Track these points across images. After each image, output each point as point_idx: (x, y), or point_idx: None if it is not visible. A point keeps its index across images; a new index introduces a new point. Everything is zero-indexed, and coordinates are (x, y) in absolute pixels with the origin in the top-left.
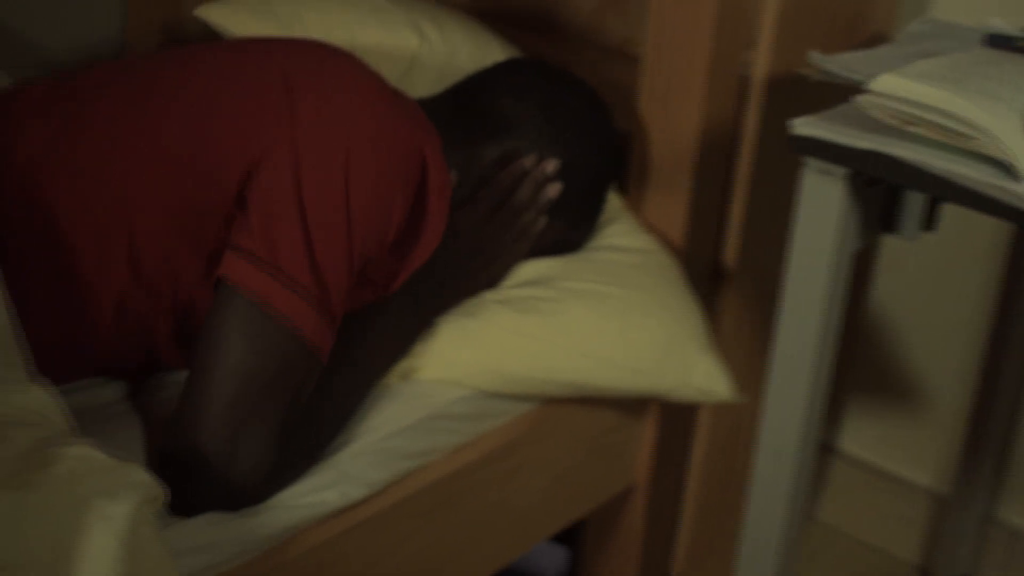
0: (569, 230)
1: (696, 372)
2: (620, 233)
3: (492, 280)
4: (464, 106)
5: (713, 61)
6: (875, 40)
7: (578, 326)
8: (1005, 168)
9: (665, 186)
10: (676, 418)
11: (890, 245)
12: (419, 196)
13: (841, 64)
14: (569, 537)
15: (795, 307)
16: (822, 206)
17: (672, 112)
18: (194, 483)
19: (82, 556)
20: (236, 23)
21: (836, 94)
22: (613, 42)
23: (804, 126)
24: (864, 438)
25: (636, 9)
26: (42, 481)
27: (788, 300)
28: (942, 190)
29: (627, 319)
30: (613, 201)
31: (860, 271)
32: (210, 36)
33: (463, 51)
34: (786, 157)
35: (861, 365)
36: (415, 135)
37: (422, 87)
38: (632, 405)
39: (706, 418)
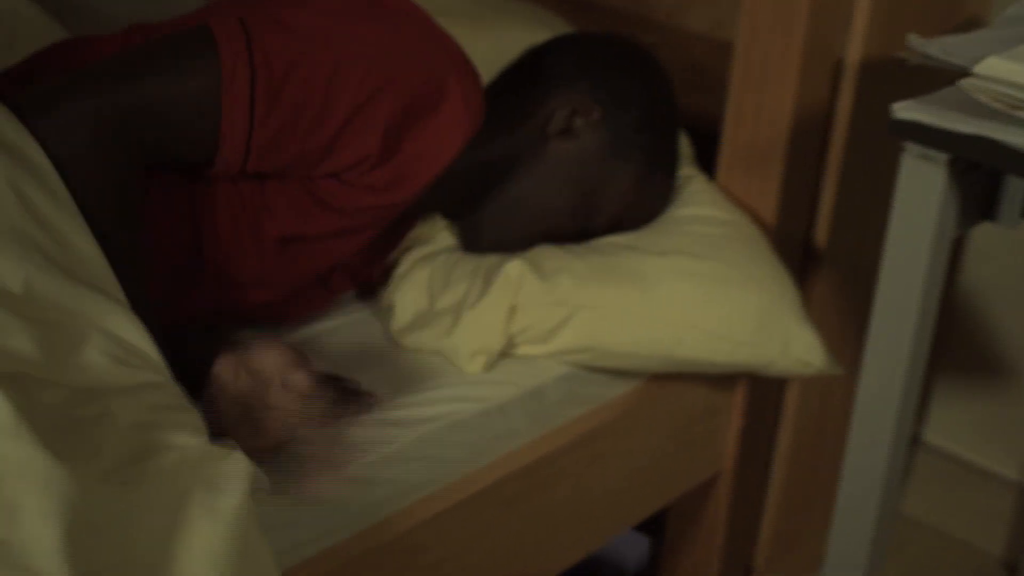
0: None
1: (795, 343)
2: (705, 203)
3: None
4: (514, 76)
5: (808, 44)
6: (971, 24)
7: (678, 299)
8: None
9: (757, 170)
10: (762, 406)
11: (981, 230)
12: (427, 120)
13: (941, 47)
14: (651, 526)
15: (891, 294)
16: (922, 192)
17: (766, 96)
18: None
19: (188, 554)
20: None
21: (930, 78)
22: (701, 27)
23: (905, 110)
24: (951, 429)
25: None
26: (144, 475)
27: (884, 287)
28: None
29: (726, 291)
30: (693, 172)
31: (950, 257)
32: None
33: None
34: (880, 141)
35: (948, 354)
36: (436, 59)
37: None
38: (719, 392)
39: (793, 406)
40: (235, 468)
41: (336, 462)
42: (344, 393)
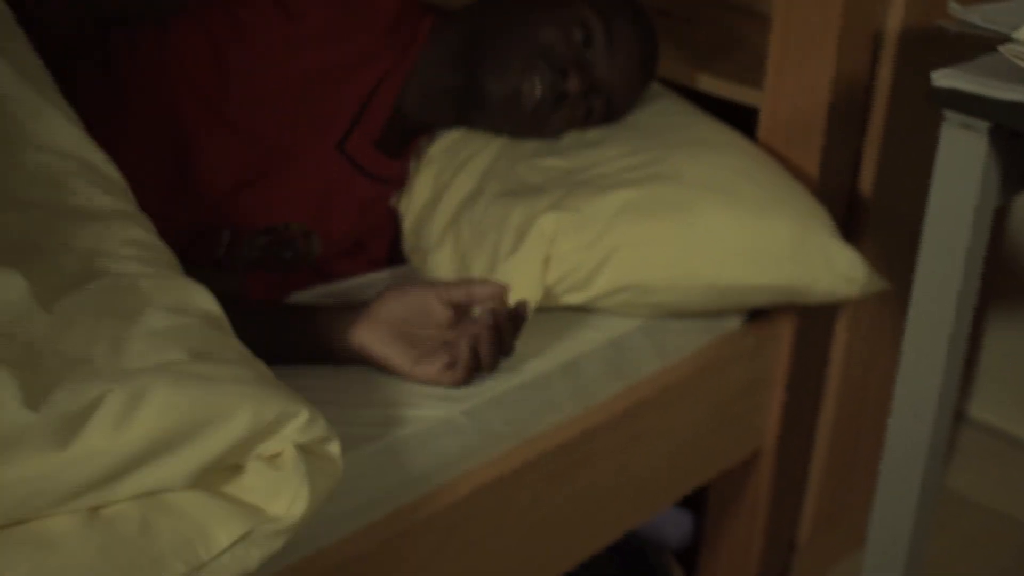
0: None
1: (837, 258)
2: (703, 126)
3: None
4: None
5: (847, 14)
6: None
7: (714, 225)
8: None
9: (797, 143)
10: (804, 380)
11: None
12: None
13: (982, 15)
14: (693, 502)
15: (933, 266)
16: (963, 161)
17: (805, 67)
18: None
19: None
20: None
21: (969, 46)
22: None
23: (946, 78)
24: (996, 404)
25: None
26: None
27: (925, 258)
28: None
29: (760, 213)
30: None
31: (993, 227)
32: None
33: None
34: (921, 111)
35: (993, 327)
36: None
37: None
38: (760, 367)
39: (835, 379)
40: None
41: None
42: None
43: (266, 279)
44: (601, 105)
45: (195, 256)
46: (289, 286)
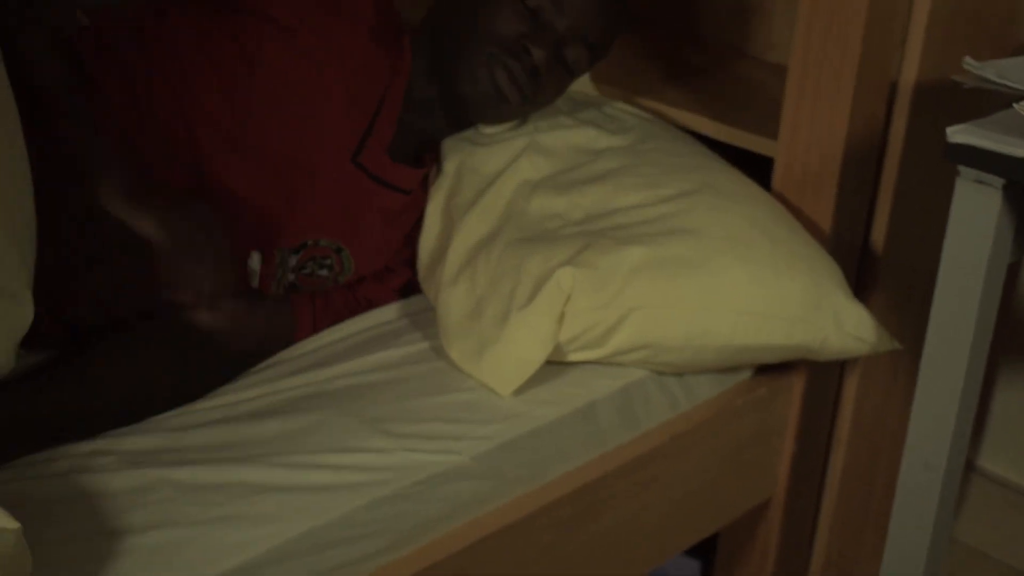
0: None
1: (847, 318)
2: (724, 172)
3: None
4: None
5: (862, 66)
6: None
7: (729, 285)
8: None
9: (811, 193)
10: (815, 429)
11: None
12: None
13: (997, 71)
14: (701, 549)
15: (946, 320)
16: (977, 217)
17: (820, 116)
18: None
19: None
20: None
21: (984, 101)
22: (754, 47)
23: (961, 134)
24: (1006, 455)
25: (778, 13)
26: None
27: (938, 312)
28: None
29: (774, 271)
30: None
31: (1007, 281)
32: None
33: None
34: (934, 162)
35: (1004, 379)
36: None
37: None
38: (771, 416)
39: (845, 429)
40: None
41: None
42: None
43: (310, 308)
44: (581, 50)
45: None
46: (331, 314)
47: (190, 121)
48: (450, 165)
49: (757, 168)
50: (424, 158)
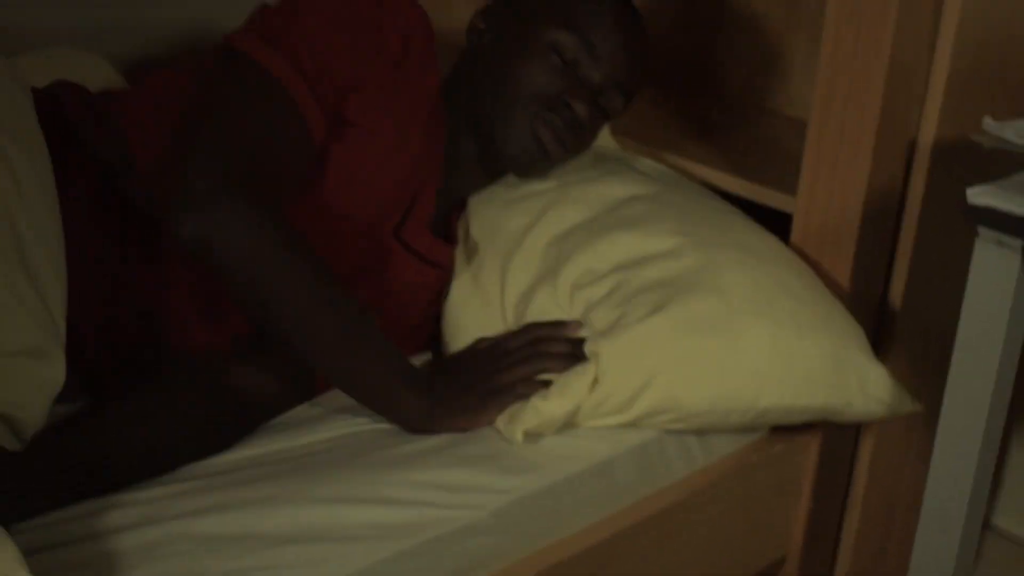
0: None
1: (871, 381)
2: (747, 227)
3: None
4: None
5: (882, 123)
6: None
7: (754, 348)
8: None
9: (830, 249)
10: (831, 487)
11: None
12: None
13: (1016, 131)
14: None
15: (965, 381)
16: (996, 278)
17: (839, 173)
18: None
19: None
20: None
21: (1004, 160)
22: (773, 103)
23: (981, 195)
24: (1021, 514)
25: (797, 69)
26: None
27: (957, 373)
28: None
29: (799, 333)
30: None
31: None
32: None
33: None
34: (954, 220)
35: (1019, 436)
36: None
37: None
38: (787, 473)
39: (861, 487)
40: None
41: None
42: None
43: None
44: (617, 97)
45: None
46: None
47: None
48: (476, 227)
49: (775, 223)
50: (452, 219)
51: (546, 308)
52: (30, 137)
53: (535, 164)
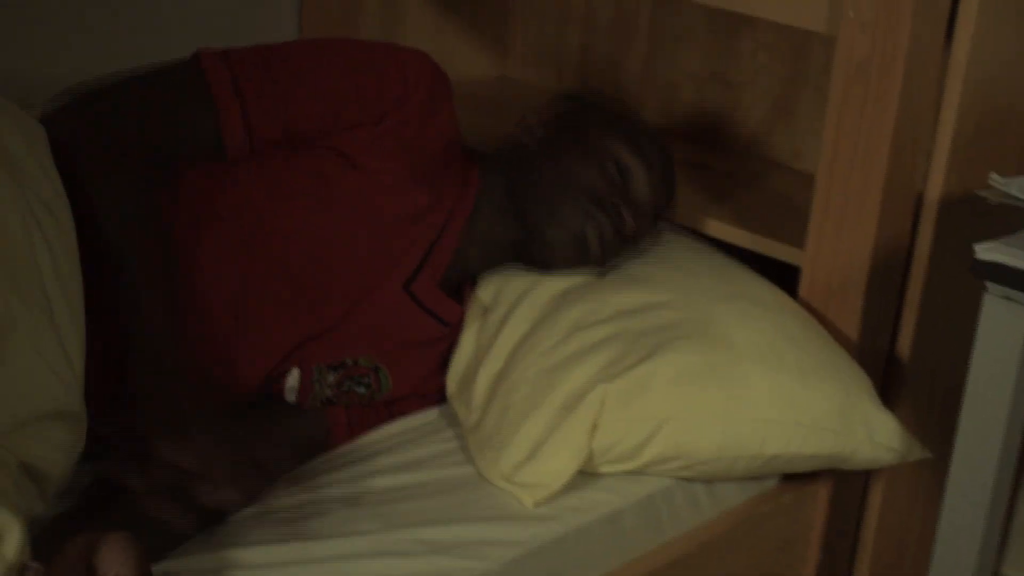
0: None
1: (878, 427)
2: (752, 279)
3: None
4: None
5: (889, 178)
6: None
7: (761, 395)
8: None
9: (837, 302)
10: (839, 539)
11: None
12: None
13: (1021, 187)
14: None
15: (974, 435)
16: (1004, 333)
17: (847, 227)
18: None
19: None
20: None
21: (1011, 214)
22: (780, 155)
23: (988, 252)
24: None
25: (804, 122)
26: None
27: (966, 427)
28: None
29: (804, 381)
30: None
31: None
32: None
33: None
34: (959, 275)
35: None
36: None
37: None
38: (795, 525)
39: (870, 538)
40: None
41: None
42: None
43: (346, 420)
44: (649, 223)
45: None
46: (366, 426)
47: (264, 243)
48: (485, 292)
49: (782, 275)
50: (464, 288)
51: (537, 342)
52: (55, 191)
53: (572, 258)
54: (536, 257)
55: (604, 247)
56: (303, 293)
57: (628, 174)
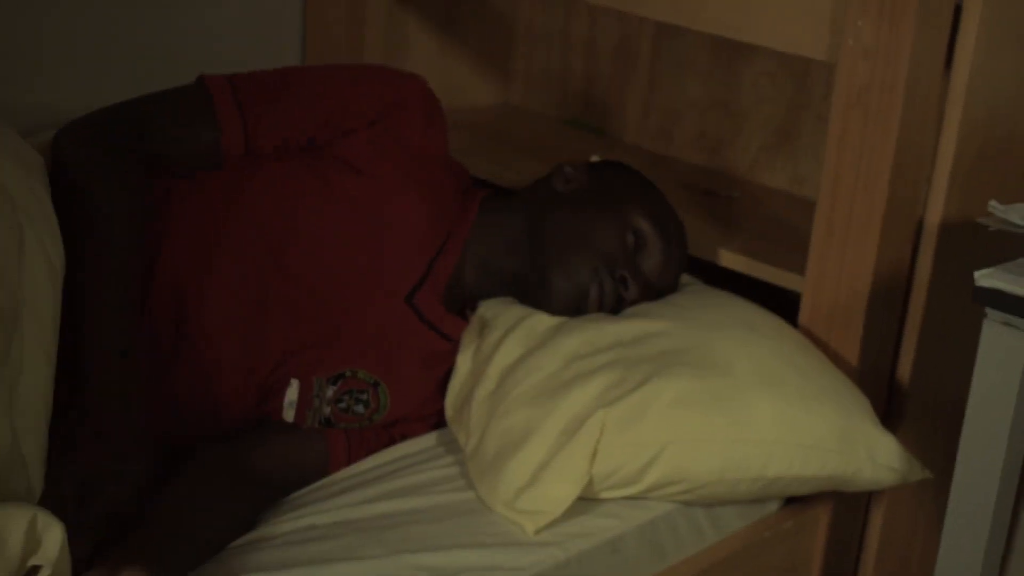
0: None
1: (879, 448)
2: (750, 308)
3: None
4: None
5: (890, 204)
6: None
7: (762, 418)
8: None
9: (838, 328)
10: (840, 565)
11: None
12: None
13: (1021, 214)
14: None
15: (974, 460)
16: (1005, 358)
17: (847, 253)
18: None
19: None
20: None
21: (1010, 240)
22: (782, 182)
23: (988, 278)
24: None
25: (805, 149)
26: None
27: (966, 454)
28: None
29: (806, 403)
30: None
31: None
32: None
33: None
34: (960, 300)
35: None
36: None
37: None
38: (796, 551)
39: (870, 565)
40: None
41: None
42: None
43: (345, 442)
44: (649, 298)
45: (265, 410)
46: (365, 449)
47: (263, 249)
48: (485, 313)
49: (781, 305)
50: (466, 311)
51: (535, 367)
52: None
53: (564, 309)
54: (532, 296)
55: (600, 308)
56: (303, 296)
57: (645, 250)
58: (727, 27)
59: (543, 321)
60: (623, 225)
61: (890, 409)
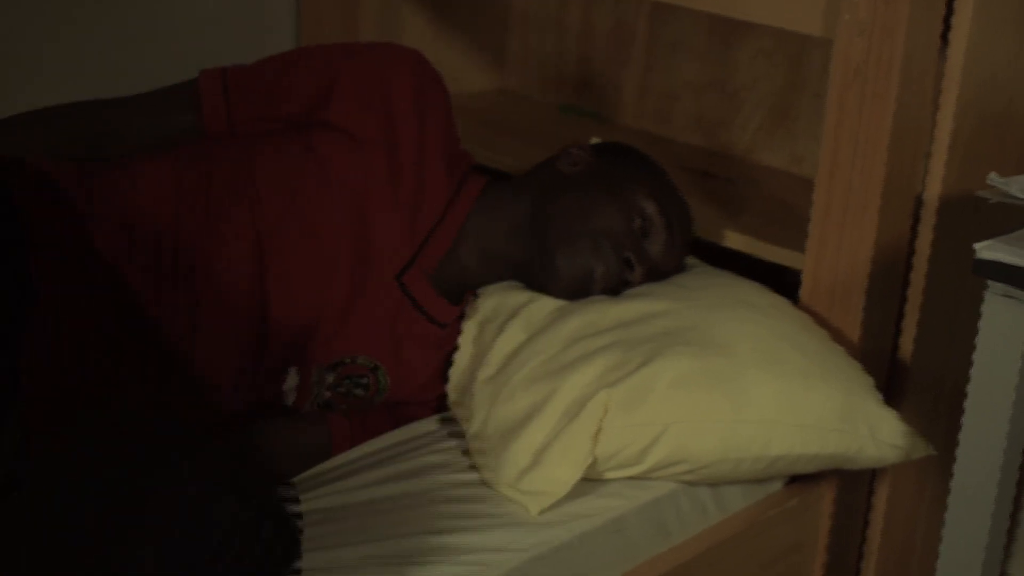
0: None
1: (881, 426)
2: (751, 287)
3: None
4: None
5: (888, 180)
6: None
7: (764, 397)
8: None
9: (839, 305)
10: (846, 543)
11: None
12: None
13: (1021, 186)
14: None
15: (977, 434)
16: (1006, 330)
17: (847, 230)
18: None
19: None
20: None
21: (1010, 213)
22: (780, 162)
23: (989, 250)
24: None
25: (803, 128)
26: None
27: (968, 427)
28: None
29: (807, 382)
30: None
31: None
32: None
33: None
34: (960, 275)
35: None
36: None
37: None
38: (802, 529)
39: (876, 541)
40: None
41: None
42: None
43: (347, 426)
44: (652, 280)
45: (264, 397)
46: (368, 432)
47: (256, 231)
48: (485, 301)
49: (781, 284)
50: (465, 297)
51: (537, 350)
52: None
53: (569, 291)
54: (537, 279)
55: (604, 289)
56: (298, 273)
57: (650, 232)
58: (723, 5)
59: (545, 306)
60: (630, 208)
61: (892, 385)
